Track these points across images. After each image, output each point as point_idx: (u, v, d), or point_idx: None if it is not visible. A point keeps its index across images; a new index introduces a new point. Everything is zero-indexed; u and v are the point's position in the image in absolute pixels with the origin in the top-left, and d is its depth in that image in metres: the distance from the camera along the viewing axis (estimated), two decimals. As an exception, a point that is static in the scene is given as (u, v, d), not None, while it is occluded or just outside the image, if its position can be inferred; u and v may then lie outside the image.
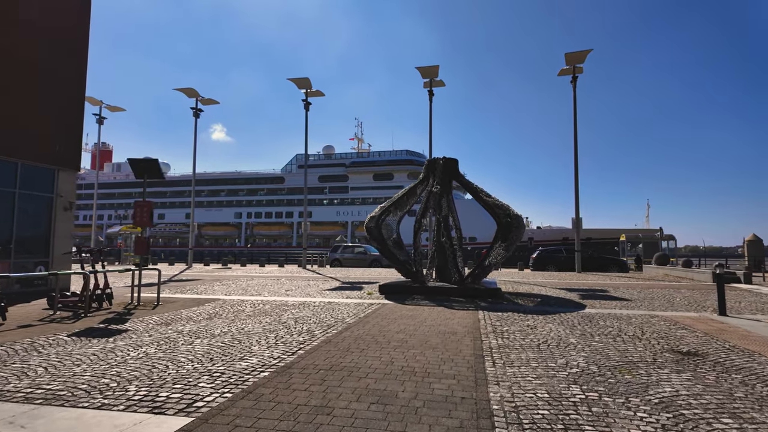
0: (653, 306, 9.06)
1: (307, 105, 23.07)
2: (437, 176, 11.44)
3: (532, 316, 7.60)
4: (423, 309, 8.31)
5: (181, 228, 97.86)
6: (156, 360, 4.55)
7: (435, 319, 7.10)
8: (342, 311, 8.01)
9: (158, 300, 9.22)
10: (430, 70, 20.82)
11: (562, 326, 6.61)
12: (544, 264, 22.82)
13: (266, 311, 8.04)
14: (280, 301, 9.50)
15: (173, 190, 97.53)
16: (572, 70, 20.13)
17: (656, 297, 10.55)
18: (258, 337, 5.65)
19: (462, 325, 6.64)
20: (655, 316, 7.68)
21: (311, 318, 7.24)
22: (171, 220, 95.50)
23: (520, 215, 11.01)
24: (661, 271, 19.38)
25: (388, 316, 7.45)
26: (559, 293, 11.37)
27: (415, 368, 4.23)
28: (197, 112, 24.29)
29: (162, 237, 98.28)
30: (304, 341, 5.39)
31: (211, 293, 10.97)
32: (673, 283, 14.84)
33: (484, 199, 10.99)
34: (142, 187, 10.15)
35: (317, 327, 6.40)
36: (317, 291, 11.52)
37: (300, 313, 7.83)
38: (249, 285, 13.21)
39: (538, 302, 9.56)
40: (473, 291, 10.16)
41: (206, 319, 7.18)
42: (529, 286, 13.25)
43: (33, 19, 11.03)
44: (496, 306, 8.85)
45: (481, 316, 7.46)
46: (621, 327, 6.59)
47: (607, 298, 10.41)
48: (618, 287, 13.10)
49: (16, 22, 10.69)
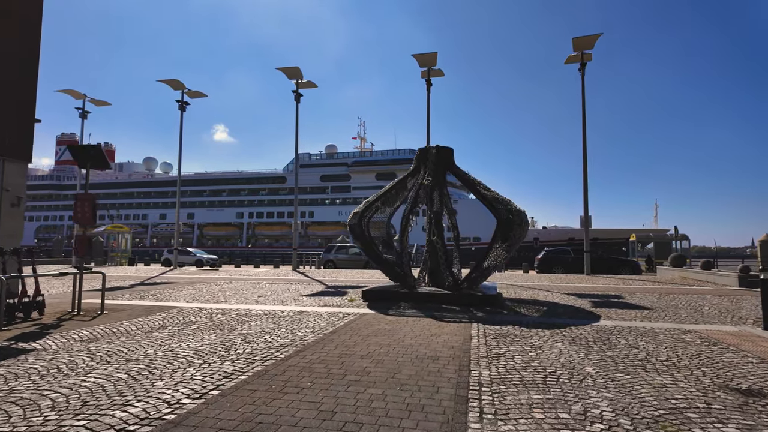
0: (680, 316, 7.68)
1: (298, 96, 21.73)
2: (429, 167, 10.10)
3: (536, 331, 6.25)
4: (406, 321, 6.98)
5: (183, 228, 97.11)
6: (4, 404, 3.27)
7: (417, 336, 5.77)
8: (308, 324, 6.69)
9: (102, 308, 7.95)
10: (427, 57, 19.41)
11: (575, 346, 5.27)
12: (551, 266, 21.40)
13: (220, 323, 6.75)
14: (244, 310, 8.20)
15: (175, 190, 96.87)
16: (580, 57, 18.70)
17: (680, 305, 9.16)
18: (178, 366, 4.34)
19: (448, 345, 5.31)
20: (686, 331, 6.30)
21: (266, 334, 5.93)
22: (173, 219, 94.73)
23: (523, 211, 9.66)
24: (677, 274, 17.91)
25: (360, 331, 6.13)
26: (568, 300, 10.00)
27: (363, 425, 2.91)
28: (183, 104, 23.07)
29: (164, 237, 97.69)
30: (232, 372, 4.07)
31: (173, 300, 9.70)
32: (694, 287, 13.41)
33: (482, 192, 9.64)
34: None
35: (264, 348, 5.09)
36: (294, 297, 10.21)
37: (258, 326, 6.53)
38: (222, 289, 11.93)
39: (543, 312, 8.21)
40: (469, 298, 8.83)
41: (143, 334, 5.91)
42: (533, 291, 11.88)
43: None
44: (494, 317, 7.50)
45: (474, 331, 6.12)
46: (649, 348, 5.23)
47: (623, 305, 9.03)
48: (633, 292, 11.70)
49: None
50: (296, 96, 21.69)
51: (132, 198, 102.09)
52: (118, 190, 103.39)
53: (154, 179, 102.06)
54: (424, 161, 10.29)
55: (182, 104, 23.03)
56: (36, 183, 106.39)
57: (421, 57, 19.48)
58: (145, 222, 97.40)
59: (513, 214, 9.20)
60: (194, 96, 23.65)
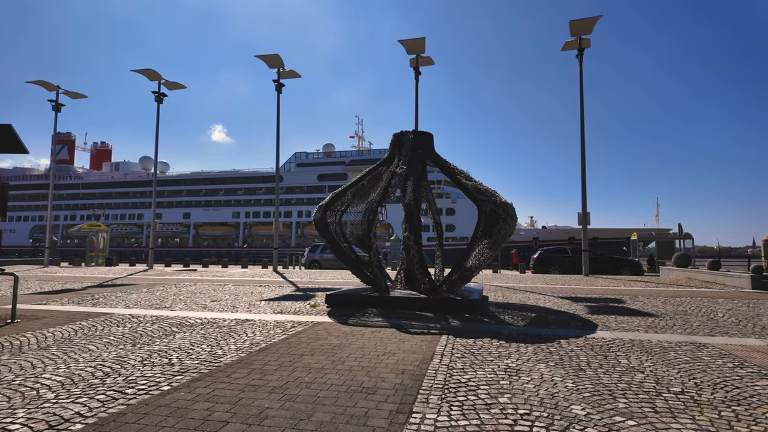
0: (692, 326, 6.49)
1: (279, 86, 20.49)
2: (404, 154, 8.92)
3: (517, 346, 5.07)
4: (363, 333, 5.80)
5: (178, 228, 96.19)
6: None
7: (365, 356, 4.59)
8: (241, 338, 5.52)
9: (13, 316, 6.78)
10: (414, 44, 18.19)
11: (562, 369, 4.09)
12: (547, 266, 20.18)
13: (140, 336, 5.58)
14: (182, 318, 7.03)
15: (171, 189, 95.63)
16: (578, 42, 17.50)
17: (690, 310, 7.97)
18: (21, 399, 3.17)
19: (400, 368, 4.13)
20: (702, 346, 5.12)
21: (180, 352, 4.76)
22: (168, 219, 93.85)
23: (511, 204, 8.49)
24: (682, 274, 16.71)
25: (298, 348, 4.95)
26: (562, 304, 8.82)
27: None
28: (160, 96, 21.85)
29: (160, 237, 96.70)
30: (69, 419, 2.89)
31: (112, 305, 8.52)
32: (702, 289, 12.21)
33: (462, 182, 8.45)
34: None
35: (155, 376, 3.91)
36: (251, 302, 9.03)
37: (180, 340, 5.36)
38: (179, 293, 10.75)
39: (531, 319, 7.02)
40: (446, 303, 7.65)
41: (39, 349, 4.76)
42: (524, 294, 10.69)
43: None
44: (471, 326, 6.33)
45: (440, 347, 4.94)
46: (657, 372, 4.05)
47: (624, 311, 7.85)
48: (636, 295, 10.51)
49: None
50: (277, 86, 20.43)
51: (128, 198, 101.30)
52: (114, 189, 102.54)
53: (149, 178, 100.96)
54: (399, 148, 9.11)
55: (159, 95, 21.77)
56: (31, 182, 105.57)
57: (409, 43, 18.22)
58: (141, 222, 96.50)
59: (498, 206, 8.02)
60: (173, 87, 22.42)
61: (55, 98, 22.97)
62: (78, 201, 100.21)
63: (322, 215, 8.61)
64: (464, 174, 8.81)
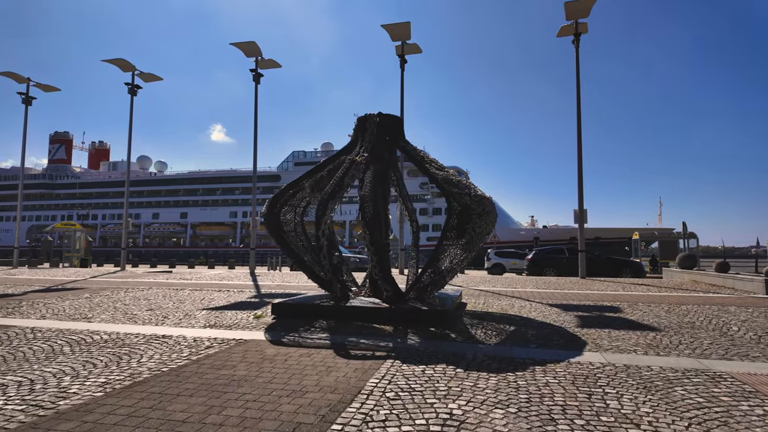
0: (701, 344, 5.29)
1: (257, 76, 19.28)
2: (367, 139, 7.73)
3: (476, 377, 3.89)
4: (289, 357, 4.62)
5: (175, 227, 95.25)
6: None
7: (262, 397, 3.41)
8: (132, 364, 4.34)
9: None
10: (399, 29, 16.90)
11: (525, 420, 2.90)
12: (542, 267, 18.93)
13: (17, 356, 4.43)
14: (91, 332, 5.86)
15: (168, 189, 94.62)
16: (574, 27, 16.27)
17: (698, 323, 6.76)
18: None
19: (296, 419, 2.95)
20: (718, 378, 3.92)
21: (22, 388, 3.59)
22: (166, 219, 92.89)
23: (489, 198, 7.31)
24: (687, 277, 15.45)
25: (187, 382, 3.77)
26: (548, 313, 7.62)
27: None
28: (134, 88, 20.69)
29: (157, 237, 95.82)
30: None
31: (26, 315, 7.36)
32: (710, 294, 10.97)
33: (431, 171, 7.25)
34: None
35: (-57, 430, 2.74)
36: (191, 311, 7.85)
37: (56, 365, 4.19)
38: (119, 300, 9.59)
39: (507, 335, 5.83)
40: (408, 313, 6.47)
41: None
42: (509, 301, 9.48)
43: None
44: (430, 345, 5.14)
45: (373, 382, 3.76)
46: (659, 425, 2.85)
47: (620, 324, 6.64)
48: (635, 302, 9.30)
49: None
50: (255, 76, 19.18)
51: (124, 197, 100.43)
52: (111, 189, 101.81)
53: (146, 178, 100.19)
54: (363, 133, 7.92)
55: (133, 87, 20.57)
56: (28, 182, 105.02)
57: (393, 28, 16.95)
58: (137, 222, 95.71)
59: (473, 199, 6.82)
60: (149, 79, 21.24)
61: (26, 91, 21.84)
62: (75, 201, 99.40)
63: (268, 210, 7.42)
64: (436, 163, 7.62)
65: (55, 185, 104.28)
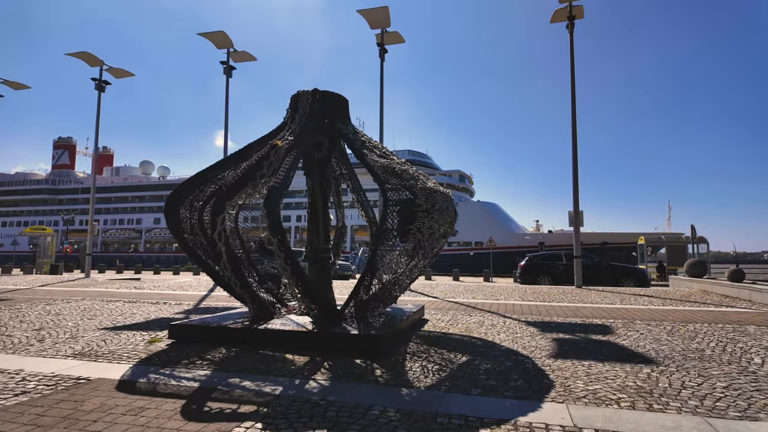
0: (713, 388, 3.80)
1: (229, 69, 18.00)
2: (298, 120, 6.32)
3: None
4: (113, 412, 3.20)
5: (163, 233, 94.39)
6: None
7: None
8: None
9: None
10: (377, 14, 15.39)
11: None
12: (535, 275, 17.32)
13: None
14: None
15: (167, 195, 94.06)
16: (568, 10, 14.83)
17: (710, 351, 5.24)
18: None
19: None
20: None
21: None
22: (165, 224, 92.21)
23: (447, 192, 5.89)
24: (696, 286, 13.84)
25: None
26: (521, 335, 6.13)
27: None
28: (101, 84, 19.53)
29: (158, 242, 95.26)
30: None
31: None
32: (722, 308, 9.41)
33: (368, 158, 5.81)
34: None
35: None
36: (91, 329, 6.46)
37: None
38: (22, 314, 8.24)
39: (451, 372, 4.37)
40: (329, 340, 5.03)
41: None
42: (480, 317, 7.99)
43: None
44: (334, 389, 3.70)
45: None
46: None
47: (607, 352, 5.15)
48: (632, 319, 7.78)
49: None
50: (226, 69, 17.92)
51: (126, 202, 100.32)
52: (113, 194, 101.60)
53: (148, 183, 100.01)
54: (294, 114, 6.52)
55: (100, 83, 19.41)
56: (31, 188, 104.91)
57: (370, 13, 15.44)
58: (139, 227, 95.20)
59: (417, 193, 5.38)
60: (120, 75, 20.04)
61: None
62: (77, 206, 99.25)
63: (171, 205, 6.01)
64: (380, 149, 6.19)
65: (58, 191, 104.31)
